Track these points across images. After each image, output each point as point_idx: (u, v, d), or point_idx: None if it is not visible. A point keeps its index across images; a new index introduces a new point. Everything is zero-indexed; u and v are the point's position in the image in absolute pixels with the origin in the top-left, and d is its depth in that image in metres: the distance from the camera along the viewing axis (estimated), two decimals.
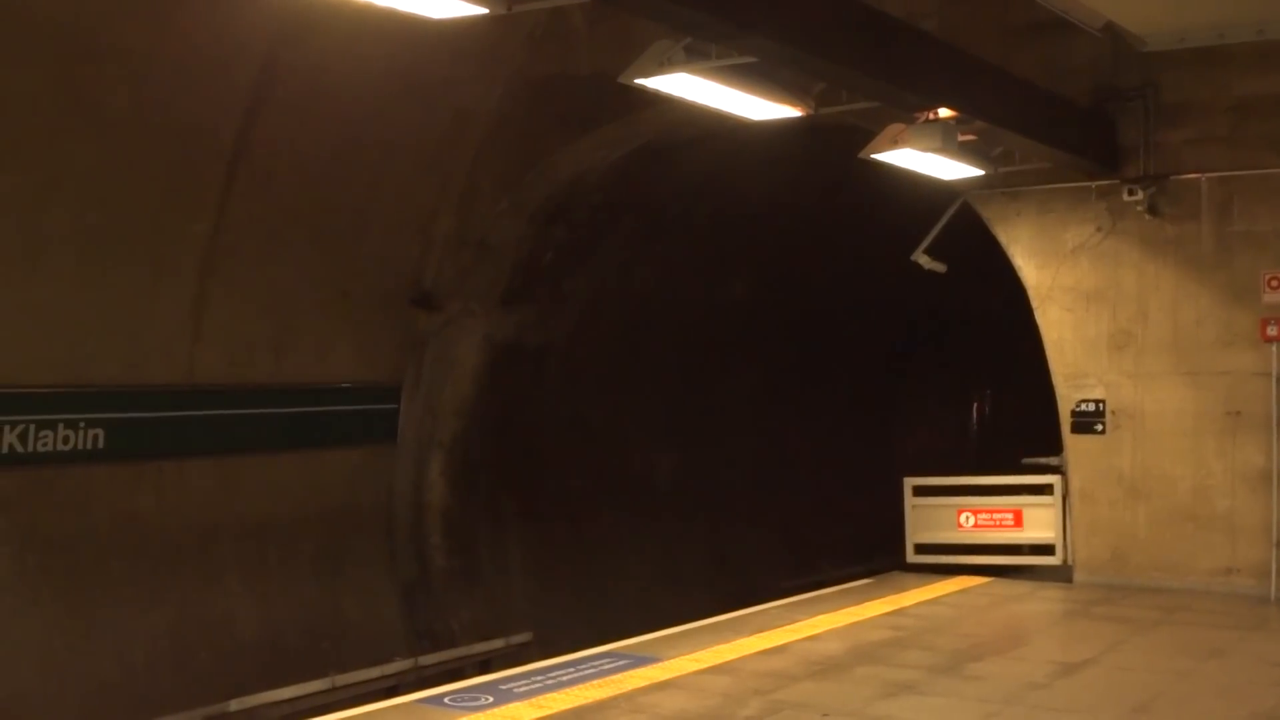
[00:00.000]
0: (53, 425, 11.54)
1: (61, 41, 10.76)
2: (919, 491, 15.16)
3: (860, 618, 11.71)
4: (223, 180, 12.61)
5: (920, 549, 14.92)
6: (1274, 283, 12.61)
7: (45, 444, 11.51)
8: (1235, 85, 12.50)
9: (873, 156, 11.26)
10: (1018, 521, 14.44)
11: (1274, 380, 12.65)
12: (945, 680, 9.46)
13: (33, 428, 11.38)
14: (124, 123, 11.52)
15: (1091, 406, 13.50)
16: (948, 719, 8.31)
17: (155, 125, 11.77)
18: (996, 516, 14.61)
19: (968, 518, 14.73)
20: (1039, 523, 14.26)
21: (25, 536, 11.56)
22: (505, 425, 16.65)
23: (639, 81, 8.54)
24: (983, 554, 14.65)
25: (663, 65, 8.35)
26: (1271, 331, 12.60)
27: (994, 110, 11.15)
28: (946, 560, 14.72)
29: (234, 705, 11.93)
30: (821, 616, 11.69)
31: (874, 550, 18.67)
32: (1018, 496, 14.72)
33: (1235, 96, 12.55)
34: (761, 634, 10.85)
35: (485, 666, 13.21)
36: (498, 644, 14.81)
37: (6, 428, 11.21)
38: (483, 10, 7.07)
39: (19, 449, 11.29)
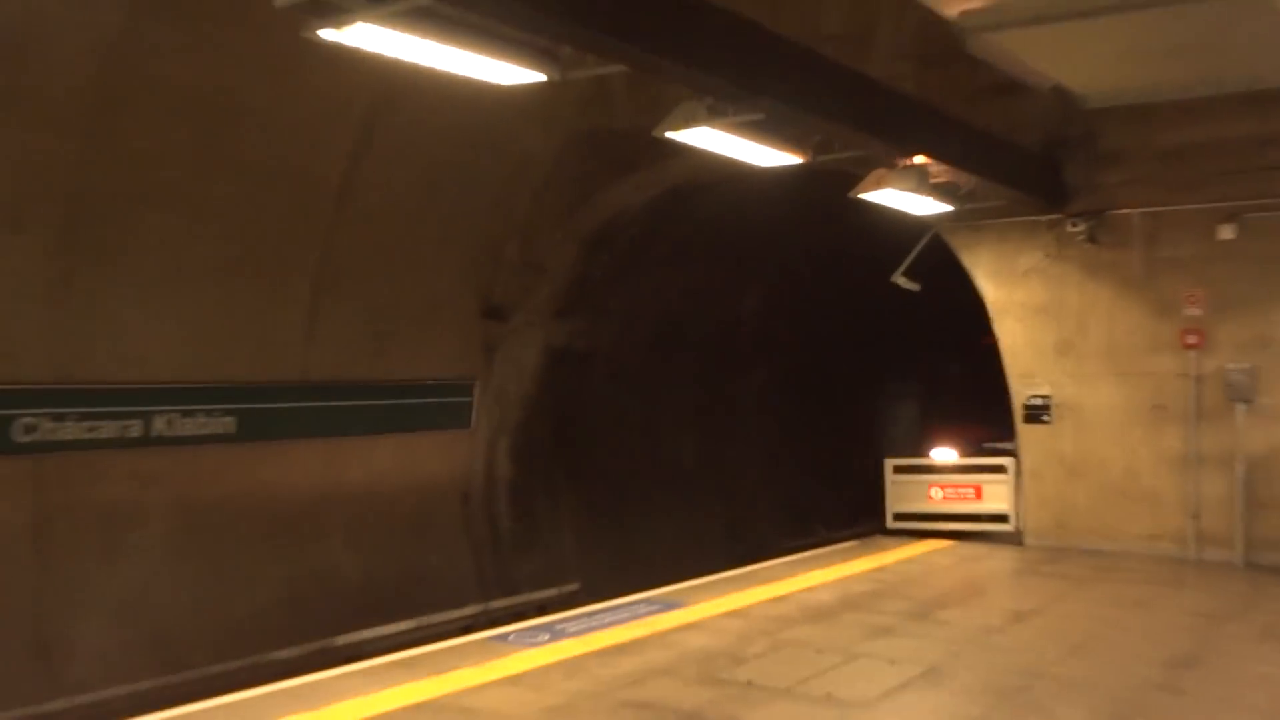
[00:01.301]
0: (194, 413, 11.70)
1: (204, 104, 10.90)
2: (897, 470, 15.17)
3: (848, 573, 11.73)
4: (331, 216, 12.73)
5: (898, 517, 14.93)
6: (1192, 300, 12.62)
7: (190, 428, 11.68)
8: (1161, 137, 12.49)
9: (860, 195, 11.28)
10: (978, 495, 14.42)
11: (1191, 380, 12.65)
12: (917, 624, 9.48)
13: (179, 415, 11.55)
14: (253, 170, 11.65)
15: (1039, 401, 13.50)
16: (920, 655, 8.32)
17: (278, 172, 11.90)
18: (960, 491, 14.61)
19: (937, 491, 14.74)
20: (996, 496, 14.27)
21: (174, 503, 11.71)
22: (559, 415, 16.73)
23: (669, 134, 8.59)
24: (949, 521, 14.64)
25: (688, 121, 8.40)
26: (1190, 340, 12.61)
27: (960, 157, 11.16)
28: (919, 527, 14.72)
29: (340, 640, 12.04)
30: (816, 571, 11.72)
31: (859, 517, 18.63)
32: (978, 475, 14.70)
33: (1161, 146, 12.53)
34: (767, 585, 10.89)
35: (542, 610, 13.25)
36: (552, 592, 14.89)
37: (159, 416, 11.37)
38: (541, 78, 7.14)
39: (168, 433, 11.46)
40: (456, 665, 7.81)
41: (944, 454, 17.08)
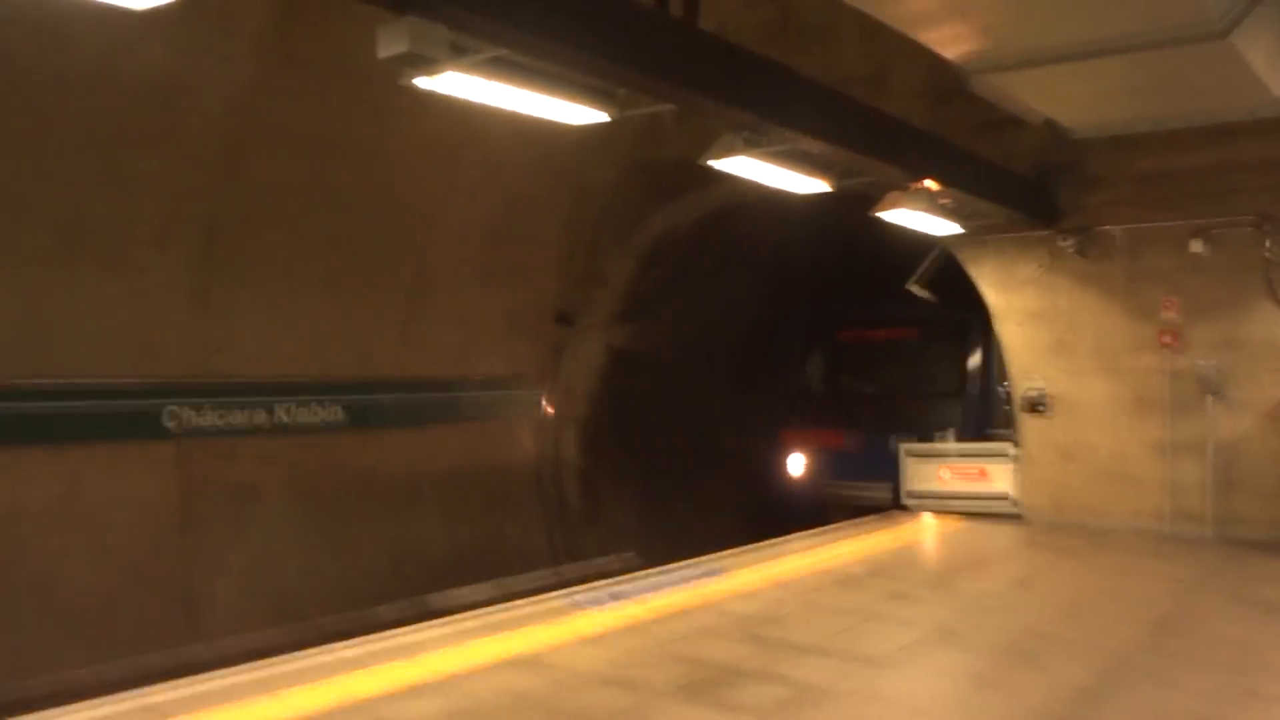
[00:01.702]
0: (310, 404, 11.82)
1: (312, 141, 10.99)
2: (911, 454, 14.95)
3: (872, 544, 11.59)
4: (423, 237, 12.79)
5: (910, 495, 14.72)
6: (1168, 305, 12.41)
7: (306, 417, 11.80)
8: (1139, 163, 12.31)
9: (878, 214, 11.20)
10: (982, 476, 14.19)
11: (1168, 376, 12.42)
12: (931, 590, 9.36)
13: (296, 405, 11.66)
14: (354, 198, 11.73)
15: (1036, 394, 13.32)
16: (932, 616, 8.21)
17: (376, 199, 11.98)
18: (967, 472, 14.38)
19: (946, 473, 14.52)
20: (998, 478, 14.04)
21: (292, 482, 11.82)
22: (618, 406, 16.69)
23: (712, 163, 8.53)
24: (957, 500, 14.46)
25: (728, 151, 8.33)
26: (1166, 340, 12.40)
27: (964, 181, 11.06)
28: (931, 504, 14.53)
29: (432, 599, 12.09)
30: (843, 542, 11.59)
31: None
32: (983, 459, 14.49)
33: (1139, 171, 12.36)
34: (800, 554, 10.79)
35: (604, 575, 13.25)
36: (613, 558, 14.86)
37: (279, 406, 11.49)
38: (603, 117, 7.12)
39: (287, 420, 11.57)
40: (531, 624, 7.79)
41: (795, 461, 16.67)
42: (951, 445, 15.37)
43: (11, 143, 9.01)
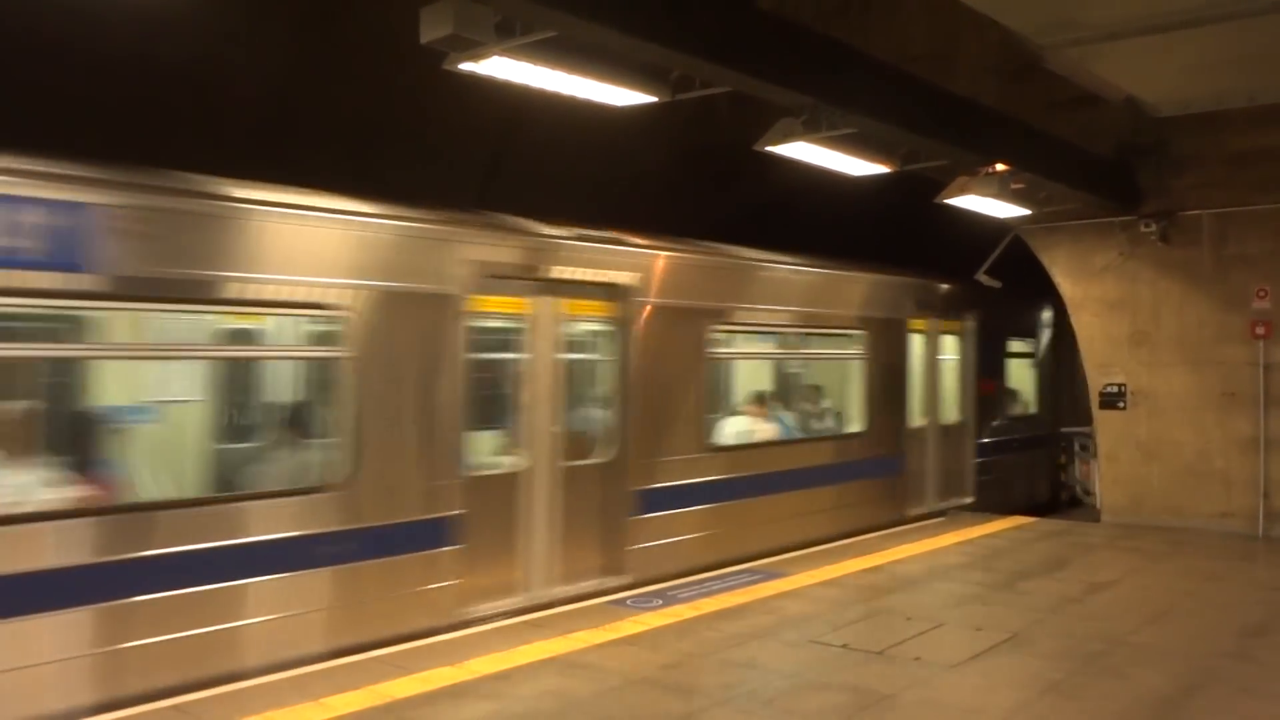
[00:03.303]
0: None
1: (355, 133, 11.14)
2: None
3: (936, 546, 11.51)
4: None
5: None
6: (1261, 294, 12.23)
7: None
8: (1230, 141, 12.11)
9: (946, 201, 11.11)
10: None
11: (1260, 368, 12.21)
12: (1002, 594, 9.27)
13: None
14: (398, 192, 11.88)
15: (1115, 389, 13.16)
16: (1003, 623, 8.12)
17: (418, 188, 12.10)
18: None
19: None
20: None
21: None
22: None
23: (769, 149, 8.53)
24: None
25: (787, 136, 8.34)
26: (1259, 331, 12.20)
27: (1039, 165, 10.95)
28: None
29: None
30: (907, 545, 11.51)
31: None
32: None
33: (1230, 150, 12.17)
34: (861, 557, 10.74)
35: None
36: None
37: None
38: (653, 99, 7.14)
39: None
40: (580, 626, 7.85)
41: None
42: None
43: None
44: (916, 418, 13.23)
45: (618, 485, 9.23)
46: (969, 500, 14.19)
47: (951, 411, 14.18)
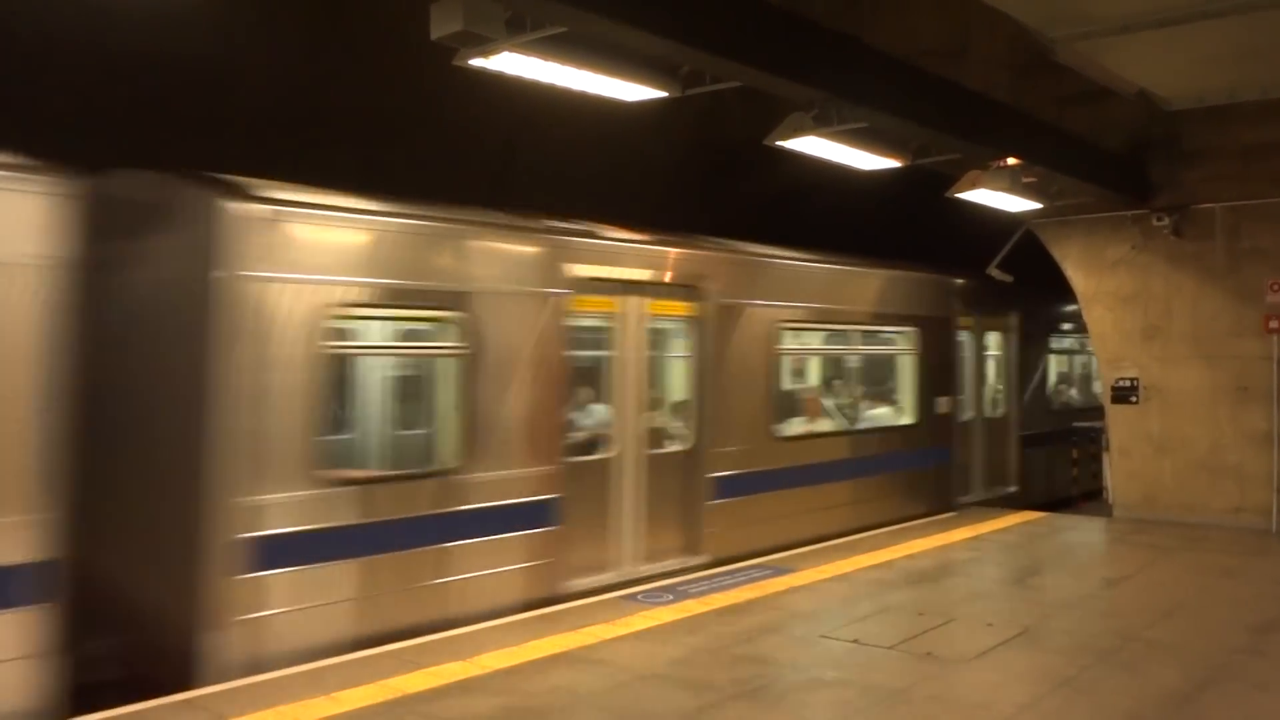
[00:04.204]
0: None
1: (362, 127, 11.15)
2: None
3: (947, 541, 11.49)
4: None
5: None
6: (1276, 287, 12.18)
7: None
8: (1243, 134, 12.05)
9: (956, 195, 11.09)
10: None
11: (1275, 363, 12.18)
12: (1013, 589, 9.26)
13: None
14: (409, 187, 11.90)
15: (1127, 383, 13.11)
16: (1014, 618, 8.11)
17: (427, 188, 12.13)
18: None
19: None
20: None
21: None
22: None
23: (779, 143, 8.52)
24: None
25: (797, 131, 8.33)
26: (1274, 325, 12.15)
27: (1051, 159, 10.92)
28: None
29: None
30: (917, 540, 11.50)
31: None
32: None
33: (1243, 143, 12.11)
34: (871, 553, 10.73)
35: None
36: None
37: None
38: (663, 94, 7.14)
39: None
40: (590, 621, 7.86)
41: None
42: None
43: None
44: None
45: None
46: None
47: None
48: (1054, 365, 17.29)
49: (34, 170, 5.48)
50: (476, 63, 6.38)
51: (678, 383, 10.29)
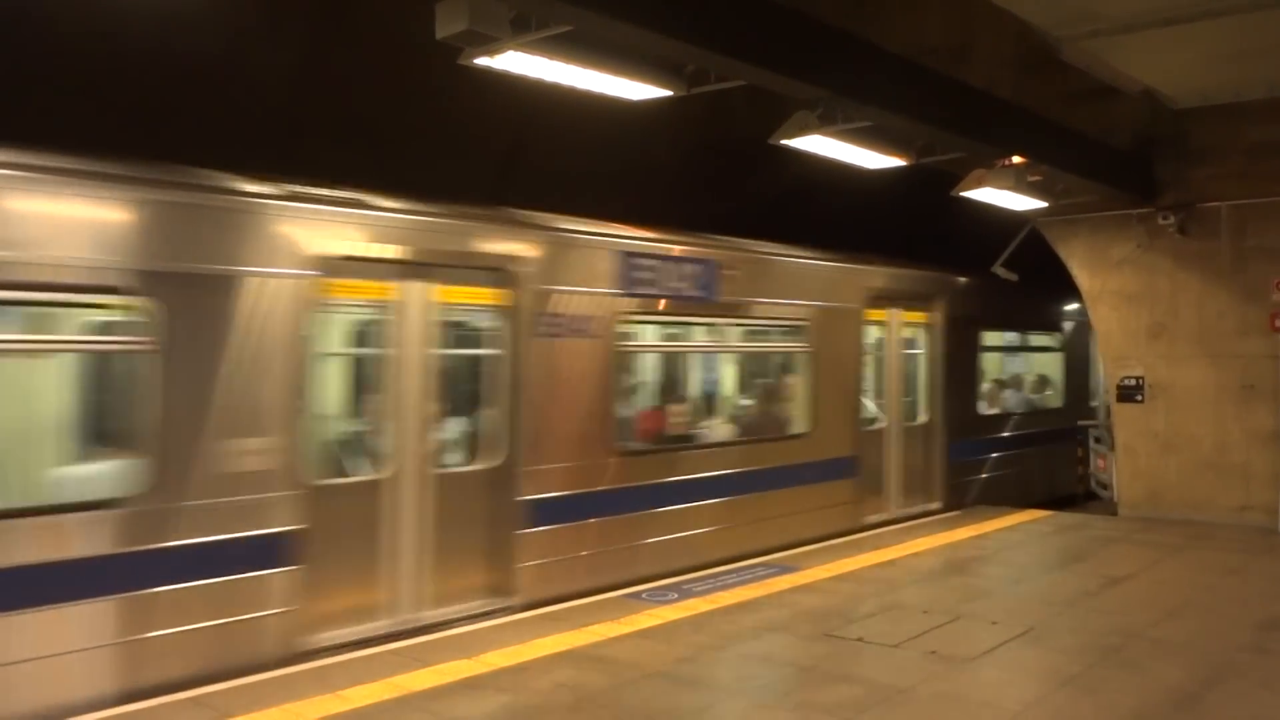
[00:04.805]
0: None
1: (370, 128, 11.15)
2: None
3: (952, 540, 11.48)
4: None
5: None
6: None
7: None
8: (1249, 132, 12.03)
9: (961, 194, 11.07)
10: None
11: None
12: (1017, 588, 9.25)
13: None
14: (413, 187, 11.90)
15: (1132, 382, 13.09)
16: (1018, 617, 8.10)
17: (434, 187, 12.13)
18: None
19: None
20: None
21: None
22: None
23: (784, 142, 8.52)
24: None
25: (802, 129, 8.33)
26: (1279, 323, 12.07)
27: (1056, 157, 10.90)
28: None
29: None
30: (922, 539, 11.50)
31: None
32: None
33: (1249, 141, 12.08)
34: (877, 551, 10.73)
35: None
36: None
37: None
38: (668, 93, 7.15)
39: None
40: (595, 619, 7.87)
41: None
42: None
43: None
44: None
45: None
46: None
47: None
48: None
49: None
50: (481, 62, 6.40)
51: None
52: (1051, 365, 17.33)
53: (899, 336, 13.00)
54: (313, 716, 5.81)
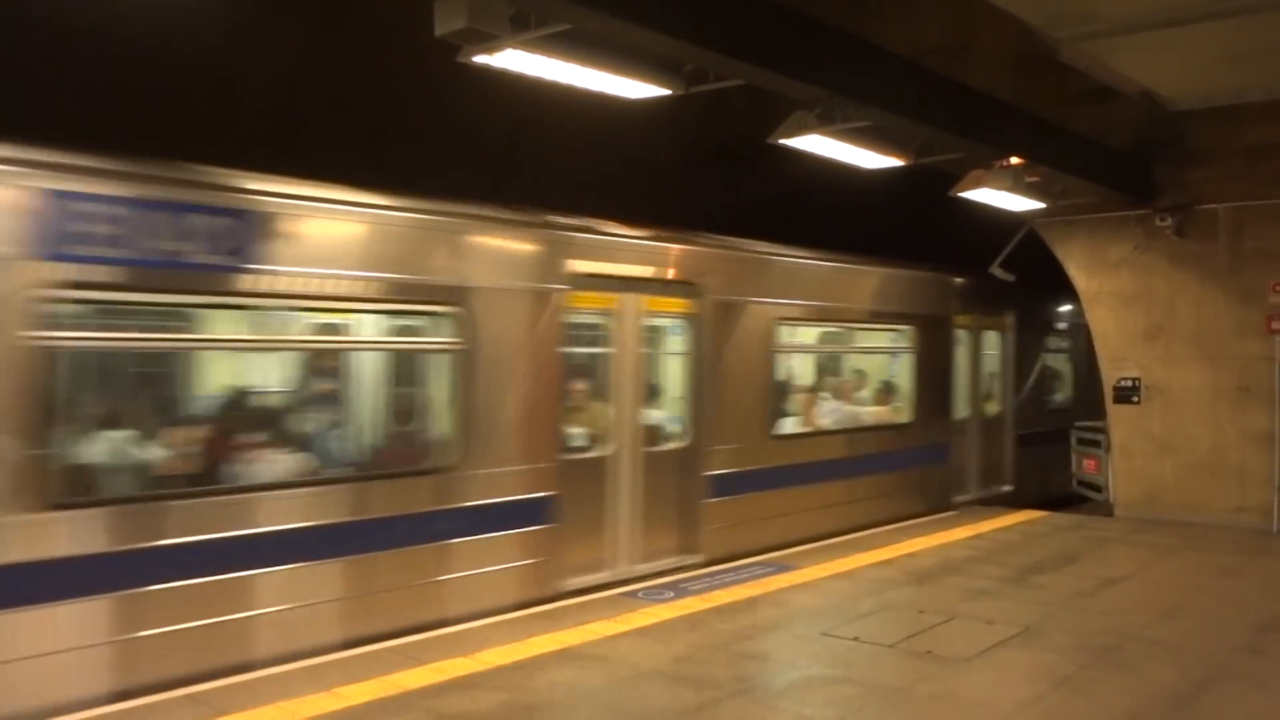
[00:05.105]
0: None
1: (368, 126, 11.15)
2: None
3: (948, 540, 11.49)
4: None
5: None
6: (1278, 288, 12.12)
7: None
8: (1248, 134, 12.02)
9: (960, 194, 11.07)
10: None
11: (1276, 363, 12.16)
12: (1013, 588, 9.25)
13: None
14: (413, 187, 11.90)
15: (1129, 383, 13.11)
16: (1015, 616, 8.11)
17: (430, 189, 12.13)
18: None
19: None
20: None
21: None
22: None
23: (783, 141, 8.52)
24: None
25: (801, 129, 8.32)
26: (1276, 325, 12.13)
27: (1054, 158, 10.91)
28: None
29: None
30: (919, 539, 11.50)
31: None
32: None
33: (1247, 143, 12.08)
34: (873, 551, 10.73)
35: None
36: None
37: None
38: (666, 92, 7.14)
39: None
40: (592, 618, 7.87)
41: None
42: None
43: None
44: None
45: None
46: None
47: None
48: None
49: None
50: (481, 59, 6.39)
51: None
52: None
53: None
54: (306, 715, 5.80)
